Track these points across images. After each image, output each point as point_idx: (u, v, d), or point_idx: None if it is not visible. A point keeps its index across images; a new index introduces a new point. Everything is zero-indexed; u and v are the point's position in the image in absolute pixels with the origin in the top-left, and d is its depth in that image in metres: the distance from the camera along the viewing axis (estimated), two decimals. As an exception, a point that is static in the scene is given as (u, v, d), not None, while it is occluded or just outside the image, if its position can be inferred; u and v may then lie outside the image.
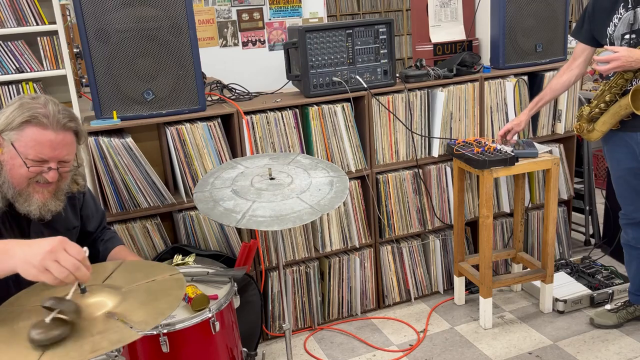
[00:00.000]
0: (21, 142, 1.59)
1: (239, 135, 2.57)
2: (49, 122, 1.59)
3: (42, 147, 1.60)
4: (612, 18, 2.37)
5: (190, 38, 2.41)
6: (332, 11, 8.02)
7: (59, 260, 1.30)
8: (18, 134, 1.59)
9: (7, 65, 2.64)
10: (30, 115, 1.58)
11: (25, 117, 1.58)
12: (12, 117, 1.59)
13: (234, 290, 1.93)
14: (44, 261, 1.29)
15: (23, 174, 1.61)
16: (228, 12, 4.93)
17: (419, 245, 3.03)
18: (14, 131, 1.59)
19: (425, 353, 2.63)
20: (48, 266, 1.29)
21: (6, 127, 1.59)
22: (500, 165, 2.57)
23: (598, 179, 4.39)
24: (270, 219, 1.85)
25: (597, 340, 2.62)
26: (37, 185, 1.64)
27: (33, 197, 1.64)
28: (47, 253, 1.30)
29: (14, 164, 1.60)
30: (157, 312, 1.38)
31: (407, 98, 2.83)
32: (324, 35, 2.65)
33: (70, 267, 1.31)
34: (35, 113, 1.59)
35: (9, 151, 1.60)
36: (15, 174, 1.61)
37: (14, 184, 1.62)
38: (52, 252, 1.30)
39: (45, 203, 1.66)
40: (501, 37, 2.99)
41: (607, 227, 3.43)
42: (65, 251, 1.32)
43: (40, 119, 1.59)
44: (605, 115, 2.45)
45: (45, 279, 1.30)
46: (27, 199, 1.63)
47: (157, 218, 2.56)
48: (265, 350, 2.71)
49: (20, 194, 1.63)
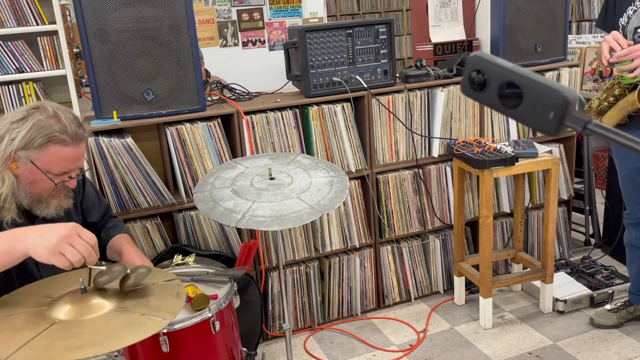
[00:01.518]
0: (43, 160, 1.64)
1: (239, 135, 2.57)
2: (69, 138, 1.65)
3: (65, 163, 1.67)
4: (627, 9, 2.30)
5: (190, 38, 2.41)
6: (332, 11, 8.02)
7: (73, 244, 1.39)
8: (39, 153, 1.63)
9: (7, 65, 2.64)
10: (50, 136, 1.62)
11: (45, 139, 1.62)
12: (30, 137, 1.61)
13: (234, 290, 1.93)
14: (60, 245, 1.38)
15: (47, 187, 1.69)
16: (228, 12, 4.93)
17: (419, 245, 3.03)
18: (34, 151, 1.62)
19: (425, 353, 2.63)
20: (63, 249, 1.38)
21: (25, 147, 1.62)
22: (500, 165, 2.57)
23: (598, 179, 4.39)
24: (270, 219, 1.85)
25: (597, 340, 2.62)
26: (56, 192, 1.72)
27: (51, 202, 1.72)
28: (63, 237, 1.38)
29: (35, 179, 1.66)
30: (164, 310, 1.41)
31: (407, 98, 2.83)
32: (324, 35, 2.65)
33: (83, 252, 1.40)
34: (53, 132, 1.63)
35: (28, 167, 1.64)
36: (37, 187, 1.68)
37: (33, 194, 1.68)
38: (67, 237, 1.39)
39: (60, 204, 1.74)
40: (501, 37, 2.99)
41: (607, 227, 3.43)
42: (79, 236, 1.41)
43: (60, 136, 1.63)
44: (612, 110, 2.39)
45: (58, 261, 1.38)
46: (47, 204, 1.72)
47: (157, 218, 2.56)
48: (265, 350, 2.71)
49: (40, 201, 1.70)
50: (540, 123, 0.68)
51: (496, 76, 0.70)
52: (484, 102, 0.73)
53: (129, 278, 1.48)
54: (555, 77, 3.09)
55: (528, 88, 0.68)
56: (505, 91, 0.70)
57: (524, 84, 0.69)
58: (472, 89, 0.73)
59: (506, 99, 0.71)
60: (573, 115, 0.66)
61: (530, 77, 0.69)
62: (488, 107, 0.72)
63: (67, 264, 1.39)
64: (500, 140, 3.06)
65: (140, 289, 1.50)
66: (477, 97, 0.73)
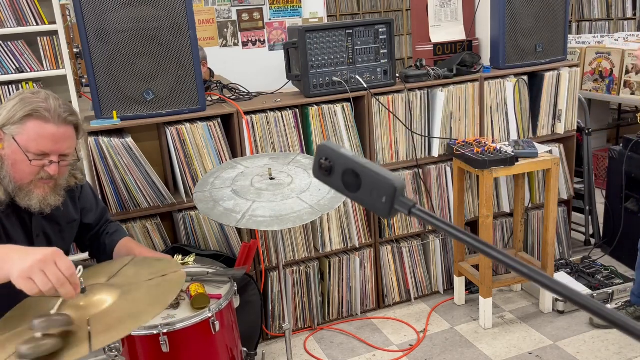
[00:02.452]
0: (23, 136, 1.60)
1: (239, 135, 2.57)
2: (50, 116, 1.61)
3: (44, 141, 1.61)
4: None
5: (190, 38, 2.41)
6: (332, 11, 8.02)
7: (45, 271, 1.27)
8: (19, 128, 1.60)
9: (7, 65, 2.64)
10: (32, 109, 1.60)
11: (26, 111, 1.60)
12: (14, 111, 1.60)
13: (233, 290, 1.93)
14: (31, 269, 1.27)
15: (26, 170, 1.63)
16: (228, 12, 4.93)
17: (419, 245, 3.03)
18: (16, 125, 1.60)
19: (425, 353, 2.63)
20: (33, 275, 1.27)
21: (7, 122, 1.60)
22: (500, 165, 2.57)
23: (598, 179, 4.39)
24: (270, 219, 1.85)
25: (597, 340, 2.62)
26: (39, 181, 1.66)
27: (34, 192, 1.66)
28: (37, 262, 1.28)
29: (16, 159, 1.61)
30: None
31: (407, 98, 2.83)
32: (324, 35, 2.65)
33: (54, 281, 1.28)
34: (37, 107, 1.61)
35: (10, 145, 1.61)
36: (18, 170, 1.63)
37: (15, 178, 1.64)
38: (41, 262, 1.28)
39: (45, 197, 1.67)
40: (501, 37, 2.99)
41: (607, 227, 3.43)
42: (54, 264, 1.29)
43: (42, 112, 1.61)
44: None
45: (26, 286, 1.27)
46: (28, 193, 1.65)
47: (157, 218, 2.56)
48: (265, 350, 2.71)
49: (21, 188, 1.65)
50: (376, 206, 0.77)
51: (340, 164, 0.80)
52: (332, 185, 0.81)
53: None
54: (555, 77, 3.09)
55: (365, 175, 0.78)
56: (347, 177, 0.79)
57: (362, 172, 0.78)
58: (321, 174, 0.82)
59: (349, 184, 0.79)
60: (401, 200, 0.75)
61: (368, 167, 0.78)
62: (335, 189, 0.82)
63: (35, 291, 1.27)
64: (500, 140, 3.06)
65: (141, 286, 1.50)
66: (325, 181, 0.82)
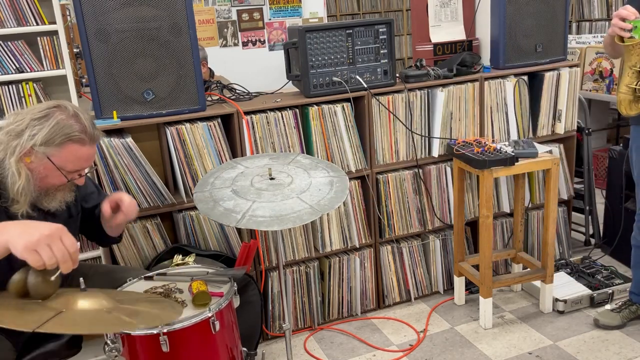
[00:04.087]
0: (60, 157, 1.68)
1: (239, 135, 2.57)
2: (87, 138, 1.70)
3: (80, 162, 1.72)
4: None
5: (190, 38, 2.41)
6: (332, 11, 8.02)
7: (52, 246, 1.37)
8: (57, 151, 1.67)
9: (7, 65, 2.64)
10: (70, 135, 1.67)
11: (66, 137, 1.66)
12: (51, 135, 1.65)
13: (233, 290, 1.93)
14: (38, 243, 1.36)
15: (57, 182, 1.72)
16: (228, 12, 4.93)
17: (419, 245, 3.03)
18: (53, 147, 1.66)
19: (425, 353, 2.63)
20: (40, 248, 1.36)
21: (46, 143, 1.65)
22: (500, 165, 2.57)
23: (598, 179, 4.40)
24: (270, 219, 1.85)
25: (597, 340, 2.62)
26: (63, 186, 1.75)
27: (57, 195, 1.75)
28: (44, 237, 1.36)
29: (48, 174, 1.69)
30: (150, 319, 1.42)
31: (407, 98, 2.83)
32: (324, 35, 2.65)
33: (59, 256, 1.38)
34: (74, 131, 1.68)
35: (42, 162, 1.67)
36: (49, 182, 1.71)
37: (41, 188, 1.70)
38: (49, 237, 1.37)
39: (64, 197, 1.77)
40: (501, 37, 2.99)
41: (607, 227, 3.43)
42: (60, 240, 1.39)
43: (80, 135, 1.69)
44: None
45: (31, 258, 1.36)
46: (53, 197, 1.74)
47: (157, 218, 2.56)
48: (265, 350, 2.71)
49: (47, 194, 1.73)
50: None
51: None
52: None
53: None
54: (555, 77, 3.09)
55: None
56: None
57: None
58: None
59: None
60: None
61: None
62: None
63: (40, 263, 1.36)
64: (500, 140, 3.06)
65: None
66: None
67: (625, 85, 2.30)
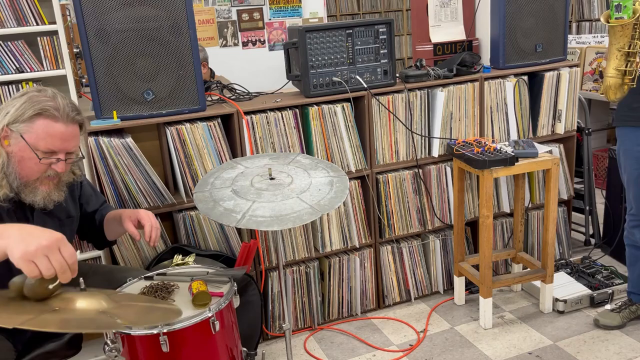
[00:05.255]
0: (32, 134, 1.62)
1: (239, 135, 2.57)
2: (59, 115, 1.64)
3: (53, 139, 1.64)
4: None
5: (190, 38, 2.41)
6: (332, 11, 8.02)
7: (49, 257, 1.32)
8: (28, 126, 1.62)
9: (7, 65, 2.64)
10: (41, 108, 1.62)
11: (35, 109, 1.62)
12: (22, 109, 1.62)
13: (233, 290, 1.93)
14: (35, 253, 1.30)
15: (34, 167, 1.66)
16: (228, 12, 4.93)
17: (419, 245, 3.03)
18: (24, 123, 1.62)
19: (425, 353, 2.63)
20: (37, 259, 1.30)
21: (16, 120, 1.62)
22: (500, 165, 2.57)
23: (598, 179, 4.40)
24: (270, 219, 1.85)
25: (597, 340, 2.62)
26: (45, 178, 1.69)
27: (39, 188, 1.69)
28: (42, 247, 1.31)
29: (23, 156, 1.64)
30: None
31: (407, 98, 2.83)
32: (324, 35, 2.65)
33: (57, 267, 1.33)
34: (46, 106, 1.63)
35: (18, 143, 1.63)
36: (25, 167, 1.65)
37: (21, 175, 1.66)
38: (47, 247, 1.32)
39: (49, 193, 1.71)
40: (501, 37, 2.99)
41: (607, 227, 3.43)
42: (59, 251, 1.33)
43: (52, 111, 1.63)
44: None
45: (28, 268, 1.31)
46: (33, 190, 1.69)
47: (157, 218, 2.55)
48: (265, 350, 2.71)
49: (27, 185, 1.68)
50: None
51: None
52: None
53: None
54: (555, 77, 3.09)
55: None
56: None
57: None
58: None
59: None
60: None
61: None
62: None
63: (35, 274, 1.31)
64: (500, 140, 3.06)
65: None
66: None
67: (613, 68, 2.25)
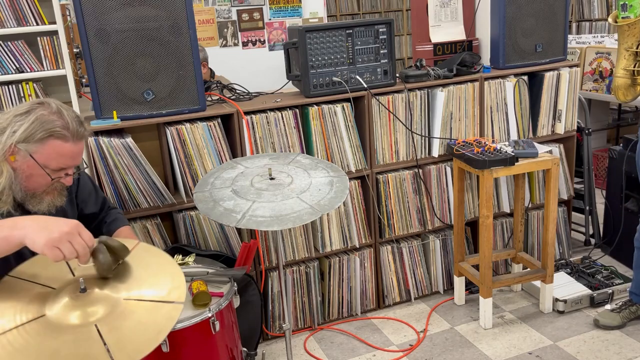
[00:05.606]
0: (42, 155, 1.65)
1: (239, 135, 2.57)
2: (69, 134, 1.67)
3: (64, 159, 1.68)
4: None
5: (190, 38, 2.41)
6: (332, 11, 8.02)
7: (72, 242, 1.40)
8: (39, 147, 1.64)
9: (7, 65, 2.64)
10: (51, 130, 1.64)
11: (47, 131, 1.63)
12: (31, 130, 1.63)
13: (233, 290, 1.93)
14: (60, 239, 1.39)
15: (42, 182, 1.69)
16: (228, 12, 4.93)
17: (419, 245, 3.03)
18: (35, 144, 1.63)
19: (425, 353, 2.63)
20: (61, 245, 1.39)
21: (25, 140, 1.63)
22: (500, 165, 2.57)
23: (598, 179, 4.40)
24: (270, 219, 1.85)
25: (597, 340, 2.62)
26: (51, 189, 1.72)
27: (45, 198, 1.72)
28: (65, 233, 1.39)
29: (32, 173, 1.66)
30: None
31: (407, 98, 2.83)
32: (324, 35, 2.65)
33: (80, 251, 1.41)
34: (55, 127, 1.64)
35: (26, 161, 1.65)
36: (33, 182, 1.68)
37: (27, 188, 1.69)
38: (69, 234, 1.40)
39: (53, 201, 1.74)
40: (501, 37, 2.99)
41: (607, 227, 3.43)
42: (79, 235, 1.42)
43: (61, 132, 1.65)
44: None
45: (52, 254, 1.38)
46: (40, 200, 1.72)
47: (157, 218, 2.56)
48: (265, 350, 2.71)
49: (34, 196, 1.71)
50: None
51: None
52: None
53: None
54: (555, 77, 3.09)
55: None
56: None
57: None
58: None
59: None
60: None
61: None
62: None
63: (60, 258, 1.40)
64: (500, 140, 3.06)
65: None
66: None
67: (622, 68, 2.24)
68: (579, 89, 3.28)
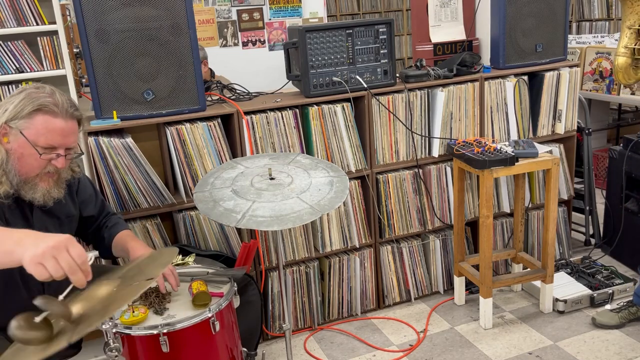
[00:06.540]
0: (31, 130, 1.63)
1: (239, 135, 2.57)
2: (58, 110, 1.65)
3: (52, 135, 1.65)
4: None
5: (190, 38, 2.41)
6: (332, 11, 8.02)
7: (57, 258, 1.27)
8: (28, 122, 1.63)
9: (7, 65, 2.64)
10: (40, 104, 1.63)
11: (34, 106, 1.63)
12: (21, 106, 1.62)
13: (233, 290, 1.93)
14: (43, 255, 1.27)
15: (34, 164, 1.66)
16: (228, 12, 4.93)
17: (419, 245, 3.03)
18: (23, 119, 1.62)
19: (425, 353, 2.63)
20: (45, 261, 1.26)
21: (15, 116, 1.62)
22: (500, 165, 2.57)
23: (598, 179, 4.40)
24: (270, 219, 1.85)
25: (597, 340, 2.62)
26: (44, 175, 1.69)
27: (39, 185, 1.69)
28: (50, 248, 1.27)
29: (23, 152, 1.64)
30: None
31: (407, 98, 2.83)
32: (324, 35, 2.65)
33: (66, 268, 1.28)
34: (45, 102, 1.64)
35: (17, 140, 1.63)
36: (25, 163, 1.66)
37: (20, 172, 1.66)
38: (54, 248, 1.28)
39: (49, 190, 1.71)
40: (501, 37, 2.99)
41: (607, 227, 3.43)
42: (67, 251, 1.29)
43: (51, 107, 1.64)
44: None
45: (37, 271, 1.27)
46: (33, 187, 1.69)
47: (157, 218, 2.56)
48: (265, 350, 2.71)
49: (27, 181, 1.68)
50: None
51: None
52: None
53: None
54: (555, 77, 3.09)
55: None
56: None
57: None
58: None
59: None
60: None
61: None
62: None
63: (45, 276, 1.27)
64: (500, 140, 3.06)
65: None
66: None
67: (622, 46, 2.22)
68: (579, 89, 3.28)
